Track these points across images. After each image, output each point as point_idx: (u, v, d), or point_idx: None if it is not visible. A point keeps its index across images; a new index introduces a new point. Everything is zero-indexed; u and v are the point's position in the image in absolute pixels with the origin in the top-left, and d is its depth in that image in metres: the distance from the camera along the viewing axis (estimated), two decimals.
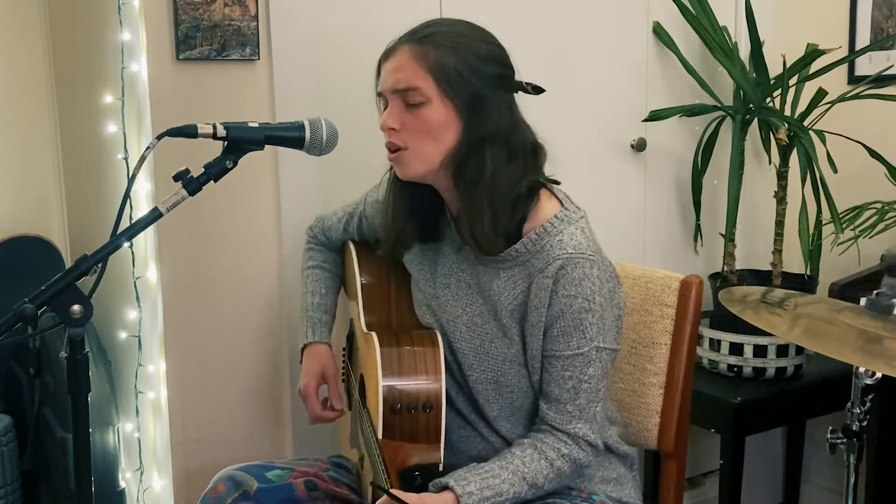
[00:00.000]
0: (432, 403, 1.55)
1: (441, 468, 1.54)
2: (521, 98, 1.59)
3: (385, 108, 1.57)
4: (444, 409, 1.56)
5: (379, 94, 1.58)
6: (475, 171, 1.51)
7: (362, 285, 1.78)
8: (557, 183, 1.62)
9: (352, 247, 1.88)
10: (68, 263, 2.59)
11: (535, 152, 1.57)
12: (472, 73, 1.51)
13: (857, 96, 2.51)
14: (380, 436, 1.53)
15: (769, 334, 2.31)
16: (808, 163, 2.41)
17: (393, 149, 1.55)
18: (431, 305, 1.67)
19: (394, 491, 1.38)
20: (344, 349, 1.99)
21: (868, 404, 1.74)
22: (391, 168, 1.63)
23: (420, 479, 1.50)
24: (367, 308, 1.75)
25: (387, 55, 1.56)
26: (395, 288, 1.78)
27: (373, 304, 1.76)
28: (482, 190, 1.51)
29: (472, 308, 1.61)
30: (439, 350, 1.59)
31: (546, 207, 1.56)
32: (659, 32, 2.62)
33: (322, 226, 1.95)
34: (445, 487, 1.45)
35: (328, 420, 1.84)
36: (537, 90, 1.58)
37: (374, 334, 1.61)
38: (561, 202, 1.58)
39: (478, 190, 1.51)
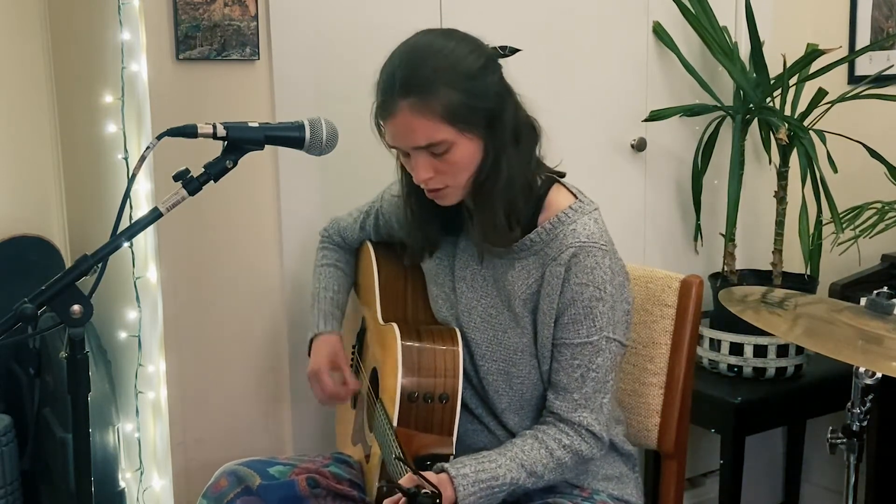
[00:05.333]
0: (448, 395, 1.57)
1: (452, 460, 1.55)
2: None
3: (394, 149, 1.57)
4: (459, 403, 1.58)
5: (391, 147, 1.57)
6: (493, 179, 1.53)
7: (380, 283, 1.80)
8: (563, 175, 1.64)
9: (370, 246, 1.89)
10: (68, 263, 2.59)
11: (532, 125, 1.58)
12: (477, 97, 1.49)
13: (857, 96, 2.51)
14: (395, 423, 1.54)
15: (769, 334, 2.31)
16: (809, 163, 2.41)
17: (433, 190, 1.56)
18: (449, 298, 1.69)
19: (408, 477, 1.39)
20: (354, 346, 1.99)
21: (868, 404, 1.74)
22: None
23: (431, 469, 1.51)
24: (385, 305, 1.77)
25: (385, 113, 1.51)
26: (412, 286, 1.80)
27: (390, 302, 1.78)
28: (497, 193, 1.53)
29: (487, 300, 1.62)
30: (459, 347, 1.61)
31: (559, 199, 1.59)
32: (659, 32, 2.62)
33: (337, 227, 1.96)
34: (443, 471, 1.46)
35: (340, 398, 1.85)
36: (513, 51, 1.56)
37: (394, 325, 1.63)
38: (574, 195, 1.61)
39: (492, 195, 1.53)
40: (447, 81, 1.47)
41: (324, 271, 1.94)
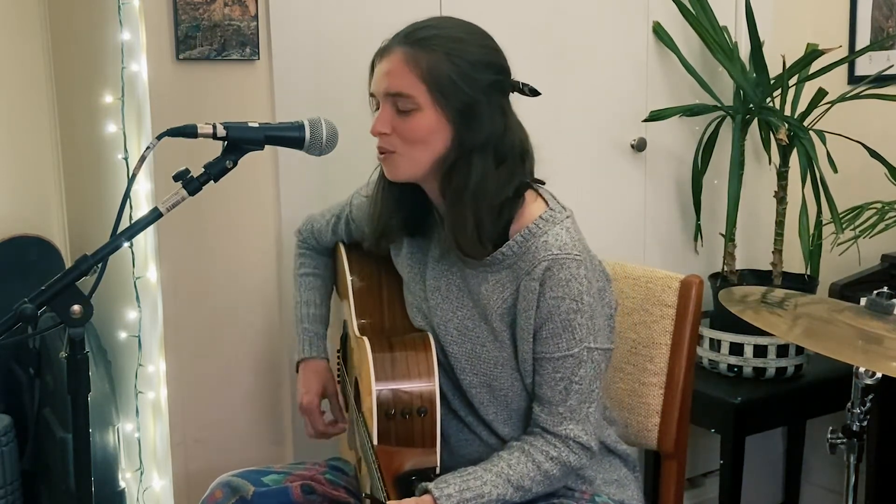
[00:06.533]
0: (427, 408, 1.54)
1: (437, 472, 1.53)
2: (520, 99, 1.59)
3: (377, 109, 1.56)
4: (438, 414, 1.55)
5: (371, 95, 1.57)
6: (461, 179, 1.50)
7: (353, 288, 1.77)
8: (542, 183, 1.61)
9: (342, 249, 1.86)
10: (68, 263, 2.59)
11: (522, 157, 1.55)
12: (465, 80, 1.49)
13: (857, 96, 2.51)
14: (375, 442, 1.53)
15: (769, 334, 2.31)
16: (808, 163, 2.41)
17: (383, 151, 1.55)
18: (422, 308, 1.66)
19: (391, 502, 1.38)
20: (338, 350, 1.99)
21: (868, 404, 1.74)
22: (379, 165, 1.63)
23: (417, 483, 1.49)
24: (360, 311, 1.74)
25: (381, 54, 1.55)
26: (387, 290, 1.76)
27: (365, 307, 1.75)
28: (467, 198, 1.50)
29: (463, 311, 1.59)
30: (431, 353, 1.58)
31: (531, 208, 1.55)
32: (659, 32, 2.62)
33: (311, 228, 1.93)
34: (427, 492, 1.44)
35: (332, 435, 1.85)
36: (534, 93, 1.57)
37: (365, 339, 1.60)
38: (546, 202, 1.57)
39: (462, 198, 1.50)
40: (446, 51, 1.49)
41: (304, 281, 1.92)
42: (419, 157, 1.52)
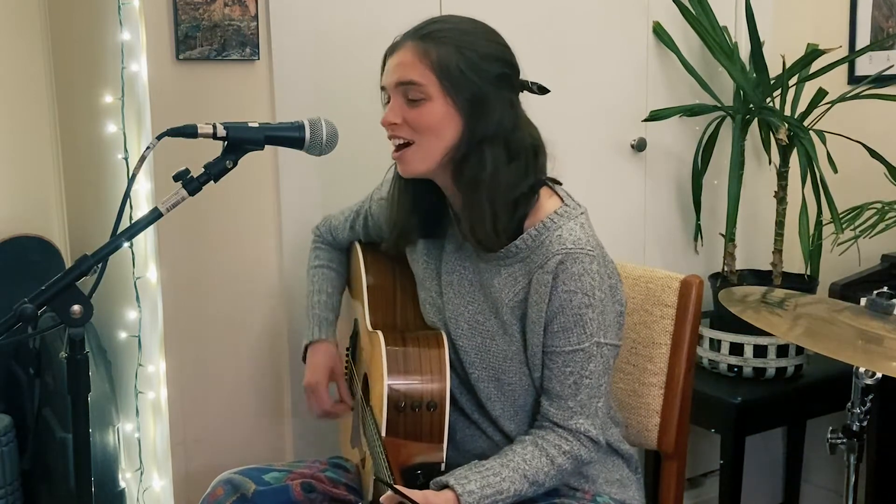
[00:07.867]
0: (436, 403, 1.56)
1: (443, 468, 1.55)
2: (522, 98, 1.60)
3: (387, 103, 1.58)
4: (447, 409, 1.56)
5: (382, 89, 1.59)
6: (474, 171, 1.52)
7: (368, 285, 1.79)
8: (559, 183, 1.63)
9: (358, 247, 1.88)
10: (68, 263, 2.59)
11: (535, 153, 1.57)
12: (474, 71, 1.52)
13: (857, 96, 2.51)
14: (383, 433, 1.54)
15: (769, 334, 2.31)
16: (809, 163, 2.41)
17: (396, 144, 1.56)
18: (436, 303, 1.68)
19: (398, 487, 1.38)
20: (347, 349, 1.99)
21: (868, 404, 1.75)
22: (394, 164, 1.64)
23: (422, 477, 1.51)
24: (373, 308, 1.76)
25: (391, 50, 1.58)
26: (401, 288, 1.78)
27: (378, 304, 1.77)
28: (482, 189, 1.52)
29: (474, 306, 1.61)
30: (444, 350, 1.59)
31: (546, 204, 1.57)
32: (659, 32, 2.62)
33: (329, 225, 1.96)
34: (446, 486, 1.45)
35: (336, 415, 1.86)
36: (542, 90, 1.59)
37: (379, 333, 1.62)
38: (562, 199, 1.59)
39: (478, 189, 1.52)
40: (456, 44, 1.52)
41: (317, 273, 1.94)
42: (430, 147, 1.54)
